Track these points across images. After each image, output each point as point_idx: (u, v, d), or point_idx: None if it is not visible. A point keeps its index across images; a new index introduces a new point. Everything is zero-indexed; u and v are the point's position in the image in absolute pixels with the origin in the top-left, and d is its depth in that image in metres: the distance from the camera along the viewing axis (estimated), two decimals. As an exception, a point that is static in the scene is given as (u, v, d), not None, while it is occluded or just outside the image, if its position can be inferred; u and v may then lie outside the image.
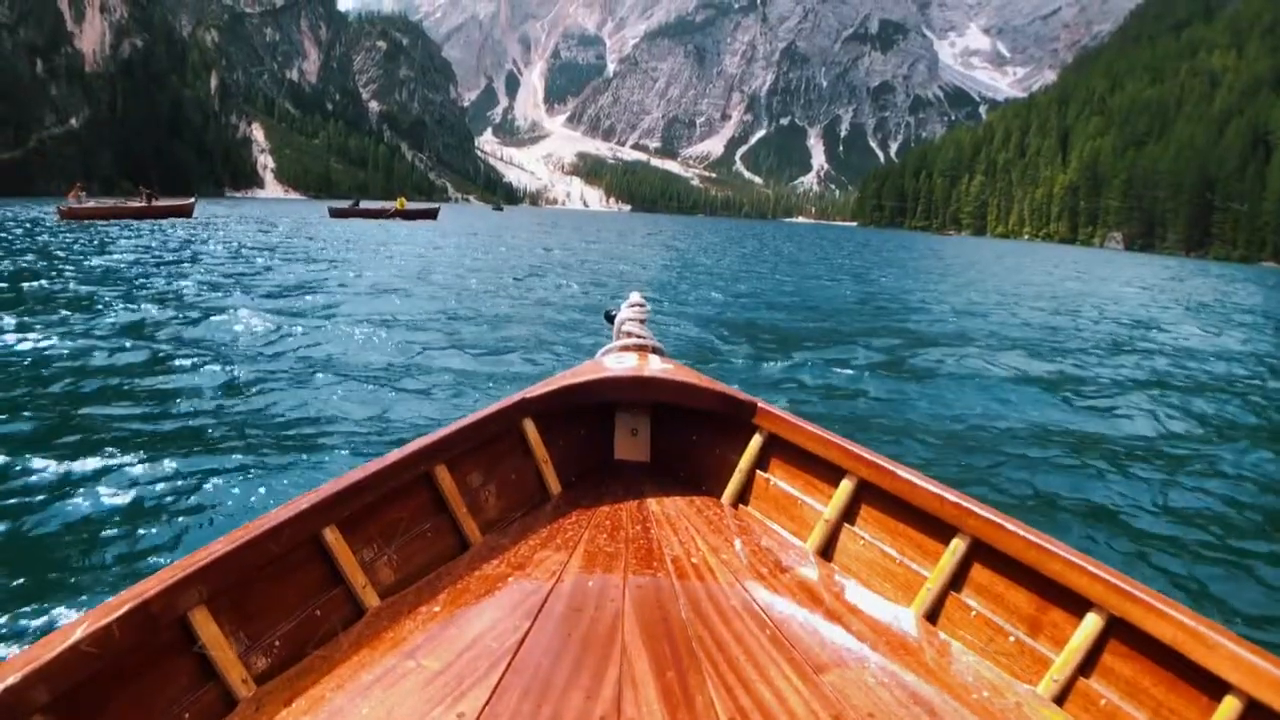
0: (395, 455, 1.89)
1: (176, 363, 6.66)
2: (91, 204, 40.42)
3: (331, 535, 1.71)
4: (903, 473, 1.86)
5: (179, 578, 1.37)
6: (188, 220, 37.45)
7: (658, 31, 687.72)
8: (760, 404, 2.30)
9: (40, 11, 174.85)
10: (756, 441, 2.35)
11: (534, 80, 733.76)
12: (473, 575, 1.87)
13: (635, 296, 3.05)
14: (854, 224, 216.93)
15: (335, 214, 48.97)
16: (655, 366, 2.62)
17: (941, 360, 9.37)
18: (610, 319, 2.99)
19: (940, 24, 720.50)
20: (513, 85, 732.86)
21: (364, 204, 53.30)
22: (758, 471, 2.34)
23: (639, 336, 2.89)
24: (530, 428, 2.34)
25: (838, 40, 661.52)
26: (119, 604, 1.28)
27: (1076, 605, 1.48)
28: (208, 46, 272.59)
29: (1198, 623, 1.16)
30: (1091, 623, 1.43)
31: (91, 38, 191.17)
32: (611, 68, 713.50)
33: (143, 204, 38.67)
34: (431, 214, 52.43)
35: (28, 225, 29.91)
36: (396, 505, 1.89)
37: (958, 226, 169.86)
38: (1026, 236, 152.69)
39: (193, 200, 43.28)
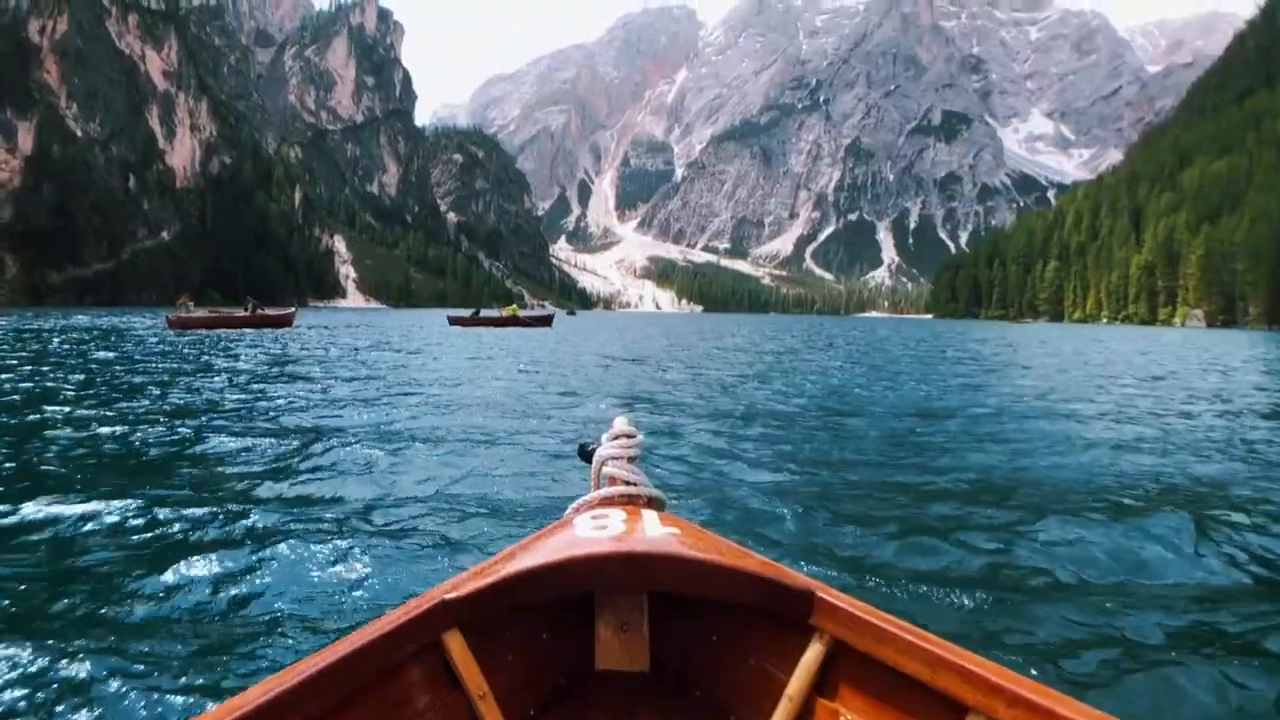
0: None
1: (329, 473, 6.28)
2: (200, 313, 41.17)
3: None
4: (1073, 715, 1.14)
5: None
6: (290, 330, 38.06)
7: (723, 135, 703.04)
8: (820, 591, 1.51)
9: (133, 129, 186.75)
10: (816, 651, 1.51)
11: (605, 188, 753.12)
12: None
13: (621, 423, 2.14)
14: (929, 316, 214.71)
15: (454, 322, 49.02)
16: (653, 532, 1.69)
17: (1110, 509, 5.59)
18: (587, 456, 2.12)
19: (1002, 111, 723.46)
20: (585, 193, 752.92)
21: (484, 313, 54.15)
22: (819, 699, 1.51)
23: (628, 483, 2.00)
24: (456, 646, 1.50)
25: (901, 134, 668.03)
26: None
27: None
28: (292, 162, 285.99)
29: None
30: None
31: (182, 154, 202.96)
32: (680, 172, 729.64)
33: (248, 314, 39.72)
34: (547, 321, 52.09)
35: (141, 333, 31.28)
36: None
37: (1034, 313, 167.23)
38: (1105, 320, 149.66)
39: (294, 310, 44.50)
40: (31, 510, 4.69)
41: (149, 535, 4.26)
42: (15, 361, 16.54)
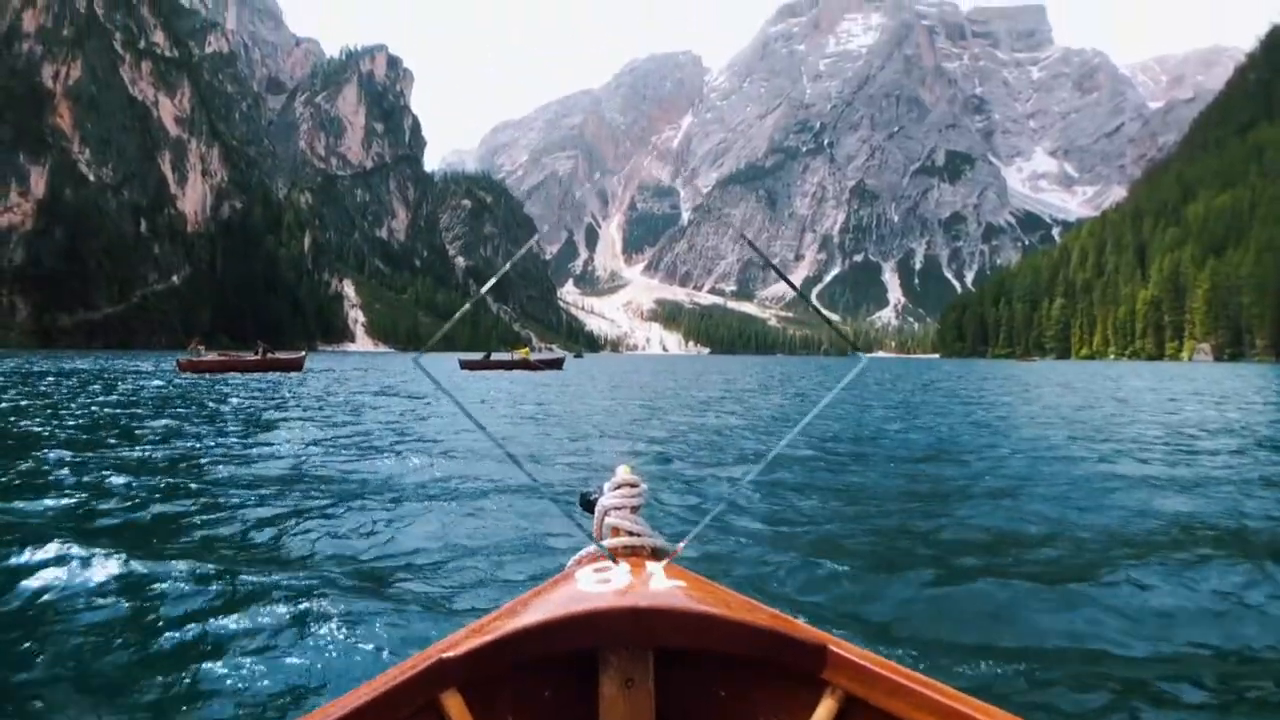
0: None
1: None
2: (210, 356, 41.43)
3: None
4: None
5: None
6: (299, 374, 38.10)
7: (729, 178, 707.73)
8: (832, 644, 1.41)
9: (145, 174, 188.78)
10: (828, 706, 1.40)
11: (612, 232, 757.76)
12: None
13: (623, 472, 2.01)
14: (936, 356, 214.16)
15: (466, 366, 48.64)
16: (658, 585, 1.59)
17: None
18: (589, 506, 2.02)
19: (1006, 150, 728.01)
20: (592, 237, 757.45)
21: (495, 356, 53.94)
22: None
23: (631, 533, 1.88)
24: (454, 706, 1.37)
25: (906, 175, 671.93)
26: None
27: None
28: (302, 207, 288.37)
29: None
30: None
31: (193, 199, 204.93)
32: (686, 216, 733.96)
33: (258, 357, 39.83)
34: (558, 364, 52.17)
35: (151, 376, 31.47)
36: None
37: (1041, 351, 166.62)
38: (1112, 355, 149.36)
39: (304, 354, 44.62)
40: (17, 559, 4.55)
41: (136, 589, 4.10)
42: (27, 404, 16.58)
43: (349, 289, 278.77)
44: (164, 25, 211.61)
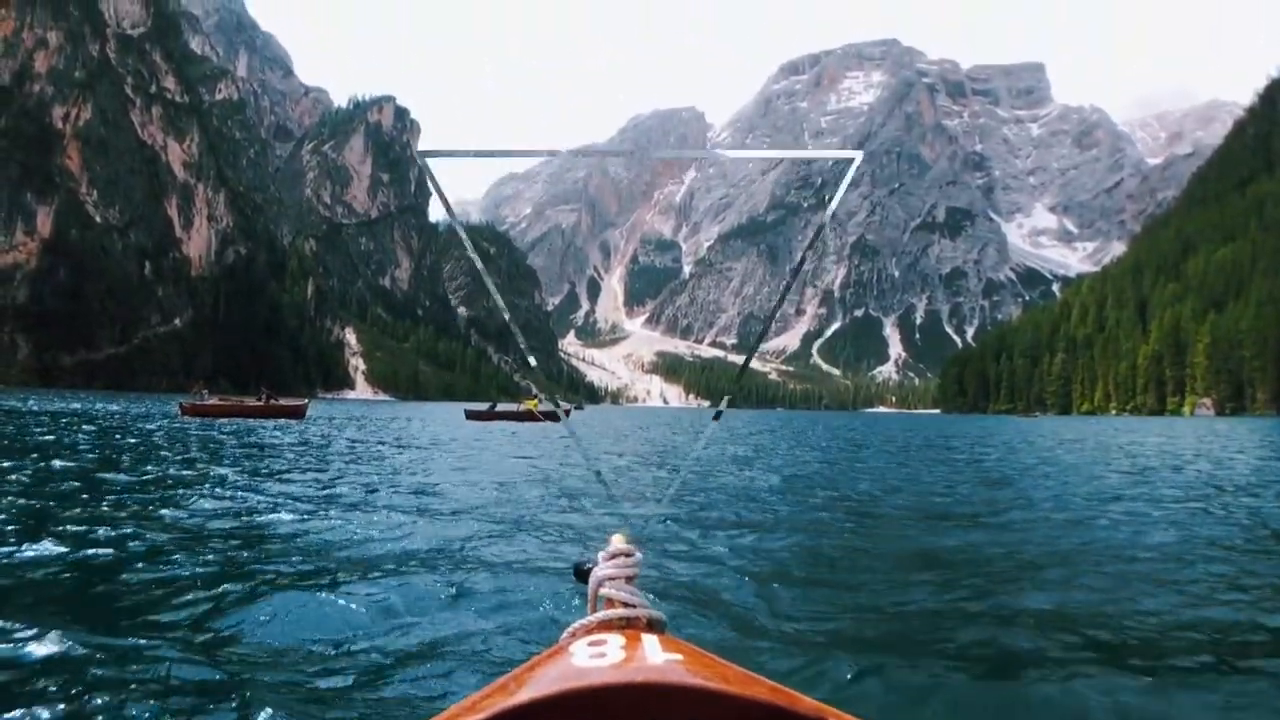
0: None
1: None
2: (213, 400, 41.74)
3: None
4: None
5: None
6: (301, 421, 37.69)
7: (731, 233, 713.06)
8: (833, 716, 1.16)
9: (151, 217, 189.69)
10: None
11: (614, 284, 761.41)
12: None
13: (618, 540, 1.88)
14: (937, 411, 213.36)
15: (471, 416, 48.32)
16: (655, 658, 1.37)
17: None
18: (583, 576, 1.85)
19: (1006, 206, 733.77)
20: (594, 289, 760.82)
21: (500, 407, 53.28)
22: None
23: (626, 604, 1.68)
24: None
25: (906, 231, 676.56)
26: None
27: None
28: (306, 255, 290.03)
29: None
30: None
31: (198, 244, 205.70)
32: (687, 269, 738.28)
33: (261, 403, 39.89)
34: (564, 415, 52.14)
35: (153, 419, 31.12)
36: None
37: (1043, 407, 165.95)
38: (1113, 411, 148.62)
39: (306, 402, 44.43)
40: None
41: (110, 661, 3.77)
42: (31, 441, 16.42)
43: (350, 336, 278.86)
44: (175, 71, 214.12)
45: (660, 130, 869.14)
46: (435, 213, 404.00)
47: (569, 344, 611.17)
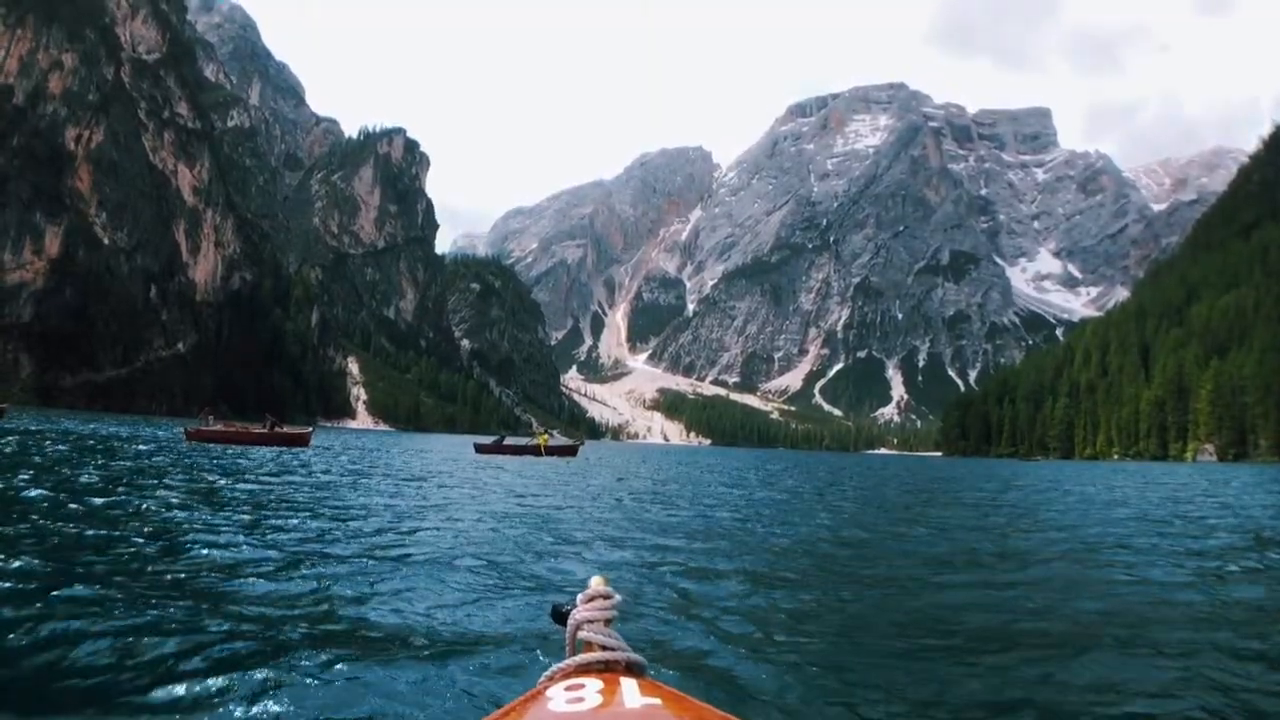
0: None
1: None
2: (219, 427, 41.75)
3: None
4: None
5: None
6: (305, 449, 37.48)
7: (735, 272, 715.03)
8: None
9: (158, 241, 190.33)
10: None
11: (618, 320, 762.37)
12: None
13: (597, 583, 1.97)
14: (939, 453, 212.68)
15: (480, 450, 47.35)
16: (633, 703, 1.48)
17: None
18: (561, 619, 1.94)
19: (1010, 251, 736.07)
20: (598, 325, 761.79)
21: (509, 440, 53.02)
22: None
23: (605, 648, 1.79)
24: None
25: (910, 273, 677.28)
26: None
27: None
28: (311, 283, 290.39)
29: None
30: None
31: (204, 269, 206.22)
32: (691, 308, 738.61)
33: (265, 430, 39.81)
34: (572, 451, 50.87)
35: (158, 444, 31.07)
36: None
37: (1045, 451, 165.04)
38: (1116, 456, 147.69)
39: (310, 430, 44.49)
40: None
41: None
42: (40, 460, 16.93)
43: (353, 366, 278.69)
44: (189, 97, 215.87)
45: (667, 169, 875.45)
46: (442, 244, 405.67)
47: (571, 379, 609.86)
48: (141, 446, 25.68)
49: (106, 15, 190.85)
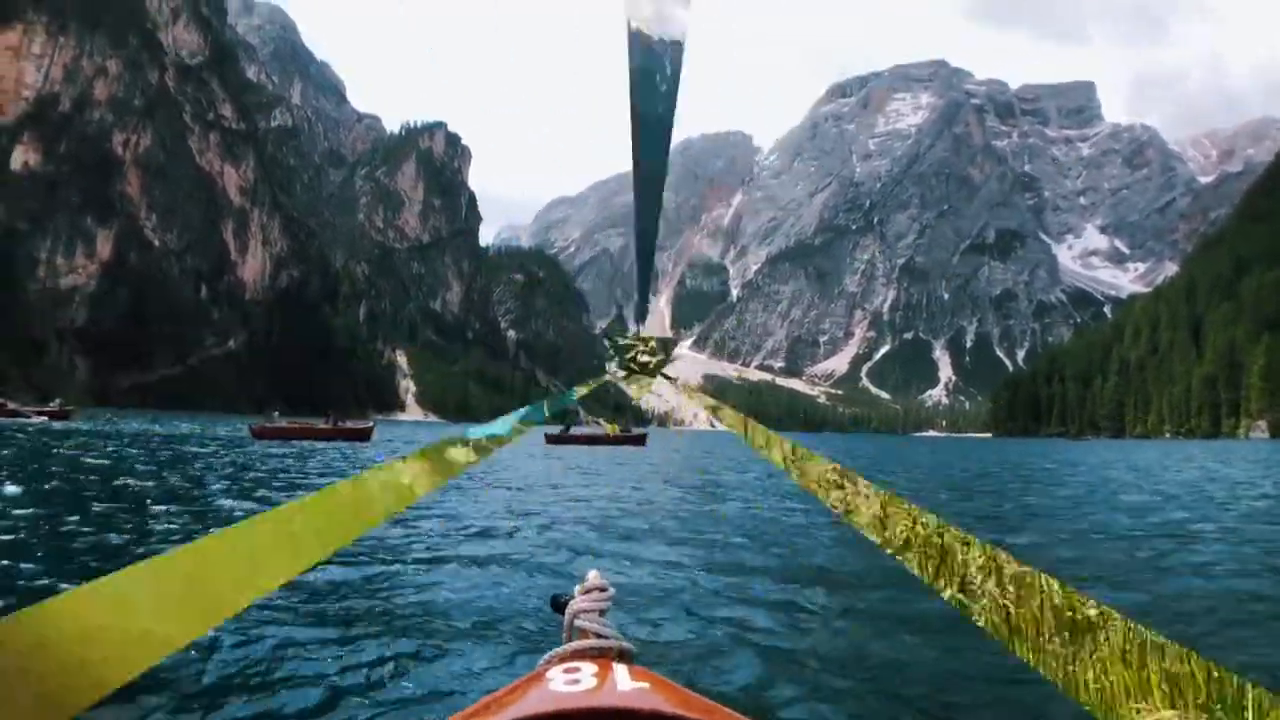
0: None
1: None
2: (283, 423, 42.44)
3: None
4: None
5: None
6: (368, 444, 37.73)
7: (779, 256, 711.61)
8: None
9: (207, 241, 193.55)
10: None
11: (662, 307, 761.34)
12: None
13: (594, 576, 2.08)
14: (988, 435, 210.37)
15: (551, 440, 46.34)
16: (624, 686, 1.47)
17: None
18: (559, 608, 2.03)
19: (1056, 228, 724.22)
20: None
21: (576, 429, 52.67)
22: None
23: (599, 636, 1.86)
24: None
25: (956, 253, 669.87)
26: None
27: None
28: (359, 278, 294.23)
29: None
30: None
31: (253, 268, 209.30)
32: (735, 293, 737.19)
33: (328, 426, 40.46)
34: (640, 440, 49.86)
35: (227, 442, 31.68)
36: None
37: (1095, 430, 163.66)
38: (1168, 434, 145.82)
39: (372, 425, 45.27)
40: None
41: None
42: (109, 462, 16.94)
43: (401, 359, 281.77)
44: (232, 99, 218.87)
45: (709, 154, 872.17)
46: (486, 236, 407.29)
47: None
48: (199, 448, 25.76)
49: (148, 21, 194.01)
